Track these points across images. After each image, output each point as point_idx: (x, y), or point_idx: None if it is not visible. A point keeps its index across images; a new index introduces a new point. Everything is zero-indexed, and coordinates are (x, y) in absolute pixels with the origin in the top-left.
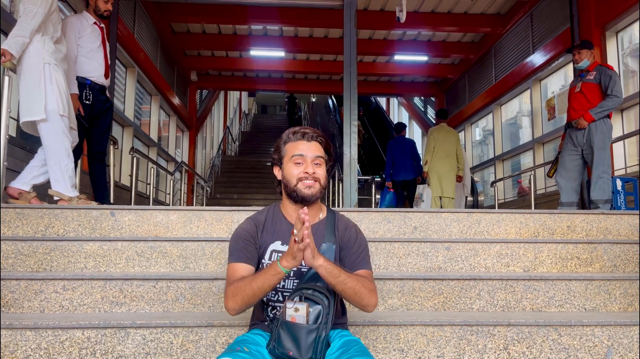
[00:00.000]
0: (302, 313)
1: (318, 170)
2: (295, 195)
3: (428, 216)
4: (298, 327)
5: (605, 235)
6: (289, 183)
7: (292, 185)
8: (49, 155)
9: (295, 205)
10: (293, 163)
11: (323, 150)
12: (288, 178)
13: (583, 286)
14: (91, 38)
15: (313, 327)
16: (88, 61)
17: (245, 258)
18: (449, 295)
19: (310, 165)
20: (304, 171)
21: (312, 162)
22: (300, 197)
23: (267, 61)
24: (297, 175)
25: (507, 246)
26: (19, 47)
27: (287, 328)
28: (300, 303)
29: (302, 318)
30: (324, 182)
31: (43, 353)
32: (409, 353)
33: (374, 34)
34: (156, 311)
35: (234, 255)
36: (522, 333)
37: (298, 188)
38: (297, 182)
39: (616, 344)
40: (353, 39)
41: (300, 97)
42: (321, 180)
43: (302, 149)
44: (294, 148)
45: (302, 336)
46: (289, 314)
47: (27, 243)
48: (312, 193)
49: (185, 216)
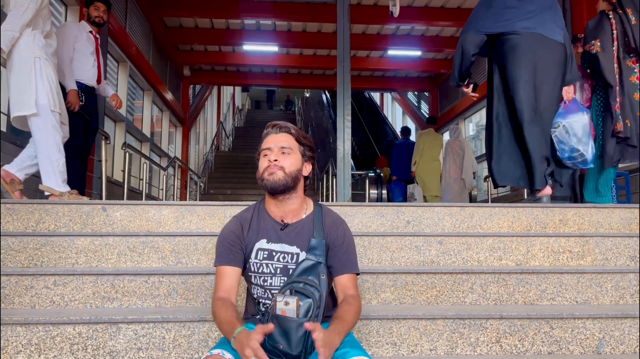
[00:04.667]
0: (292, 306)
1: (284, 158)
2: (263, 186)
3: (421, 210)
4: (288, 321)
5: (597, 228)
6: (258, 175)
7: (259, 176)
8: (39, 150)
9: (273, 199)
10: (262, 156)
11: (294, 140)
12: (259, 171)
13: (575, 279)
14: (86, 44)
15: (303, 321)
16: (81, 65)
17: (228, 260)
18: (442, 289)
19: (274, 153)
20: (268, 159)
21: (278, 152)
22: (266, 186)
23: (260, 56)
24: (264, 165)
25: (500, 240)
26: (8, 41)
27: (278, 322)
28: (290, 296)
29: (292, 311)
30: (290, 171)
31: (34, 348)
32: (402, 346)
33: (368, 29)
34: (148, 306)
35: (218, 258)
36: (514, 326)
37: (264, 177)
38: (263, 172)
39: (607, 336)
40: (346, 33)
41: (293, 92)
42: (286, 168)
43: (269, 141)
44: (264, 142)
45: (292, 330)
46: (279, 308)
47: (17, 238)
48: (273, 179)
49: (178, 211)
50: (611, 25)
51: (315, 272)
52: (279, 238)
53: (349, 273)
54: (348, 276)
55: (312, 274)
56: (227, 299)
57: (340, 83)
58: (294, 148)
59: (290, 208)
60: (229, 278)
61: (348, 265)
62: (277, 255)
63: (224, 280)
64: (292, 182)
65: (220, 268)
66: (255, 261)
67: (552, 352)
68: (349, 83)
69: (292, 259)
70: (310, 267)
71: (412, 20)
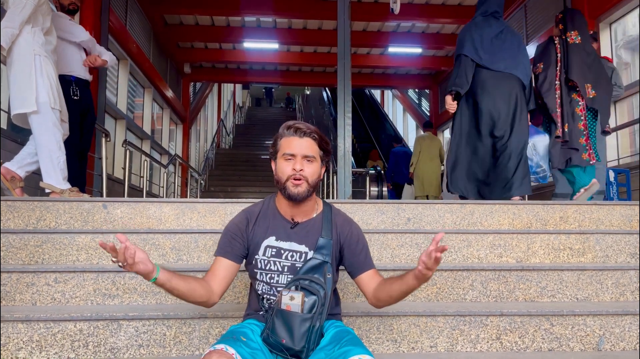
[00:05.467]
0: (298, 301)
1: (308, 167)
2: (284, 193)
3: (421, 207)
4: (292, 315)
5: (598, 225)
6: (280, 179)
7: (282, 182)
8: (40, 148)
9: (287, 202)
10: (284, 160)
11: (317, 147)
12: (279, 175)
13: (575, 277)
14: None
15: (307, 316)
16: (67, 56)
17: (225, 252)
18: (442, 286)
19: (299, 162)
20: (292, 167)
21: (302, 160)
22: (287, 195)
23: (261, 53)
24: (287, 172)
25: (500, 237)
26: (8, 38)
27: (282, 317)
28: (296, 291)
29: (297, 306)
30: (312, 181)
31: (35, 345)
32: (402, 343)
33: (368, 26)
34: (149, 303)
35: (218, 248)
36: (514, 323)
37: (287, 186)
38: (287, 180)
39: (608, 333)
40: (347, 30)
41: (294, 90)
42: (309, 178)
43: (293, 146)
44: (287, 144)
45: (295, 324)
46: (284, 302)
47: (18, 235)
48: (298, 192)
49: (178, 208)
50: (556, 49)
51: (321, 271)
52: (288, 237)
53: (369, 269)
54: (371, 272)
55: (318, 272)
56: (206, 282)
57: (341, 81)
58: (316, 156)
59: (303, 209)
60: (219, 268)
61: (367, 261)
62: (285, 253)
63: (214, 269)
64: (313, 191)
65: (216, 258)
66: (263, 258)
67: (552, 349)
68: (350, 80)
69: (300, 258)
70: (317, 266)
71: (412, 18)
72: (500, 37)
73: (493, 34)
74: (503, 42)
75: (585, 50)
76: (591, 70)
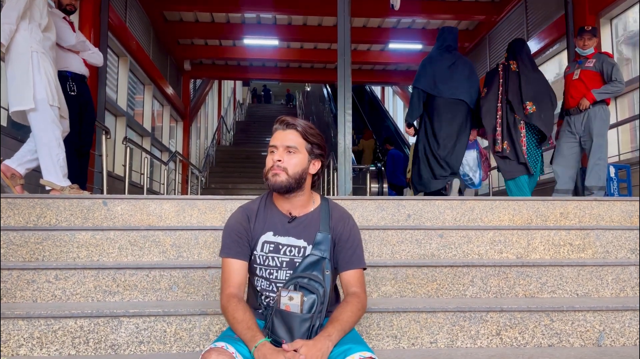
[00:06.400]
0: (297, 301)
1: (289, 158)
2: (267, 184)
3: (421, 203)
4: (292, 316)
5: (598, 221)
6: (264, 172)
7: (265, 174)
8: (39, 145)
9: (278, 195)
10: (269, 153)
11: (301, 138)
12: (265, 168)
13: (575, 272)
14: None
15: (307, 316)
16: (64, 53)
17: (235, 253)
18: (442, 282)
19: (278, 153)
20: (272, 158)
21: (284, 151)
22: (269, 186)
23: (261, 50)
24: (269, 164)
25: (501, 233)
26: (6, 35)
27: (281, 317)
28: (295, 291)
29: (297, 307)
30: (293, 172)
31: (36, 342)
32: (402, 339)
33: (368, 22)
34: (149, 300)
35: (226, 249)
36: (514, 319)
37: (268, 177)
38: (268, 171)
39: (608, 329)
40: (347, 26)
41: (294, 86)
42: (289, 169)
43: (275, 137)
44: (272, 137)
45: (295, 325)
46: (283, 302)
47: (18, 232)
48: (275, 182)
49: (179, 205)
50: (499, 75)
51: (319, 267)
52: (286, 231)
53: (354, 268)
54: (353, 272)
55: (317, 269)
56: (240, 297)
57: (341, 77)
58: (299, 147)
59: (297, 203)
60: (238, 273)
61: (353, 260)
62: (283, 248)
63: (233, 275)
64: (295, 183)
65: (228, 260)
66: (261, 253)
67: (552, 344)
68: (350, 77)
69: (298, 252)
70: (315, 262)
71: (413, 13)
72: (451, 68)
73: (445, 66)
74: (454, 72)
75: (524, 74)
76: (530, 89)
